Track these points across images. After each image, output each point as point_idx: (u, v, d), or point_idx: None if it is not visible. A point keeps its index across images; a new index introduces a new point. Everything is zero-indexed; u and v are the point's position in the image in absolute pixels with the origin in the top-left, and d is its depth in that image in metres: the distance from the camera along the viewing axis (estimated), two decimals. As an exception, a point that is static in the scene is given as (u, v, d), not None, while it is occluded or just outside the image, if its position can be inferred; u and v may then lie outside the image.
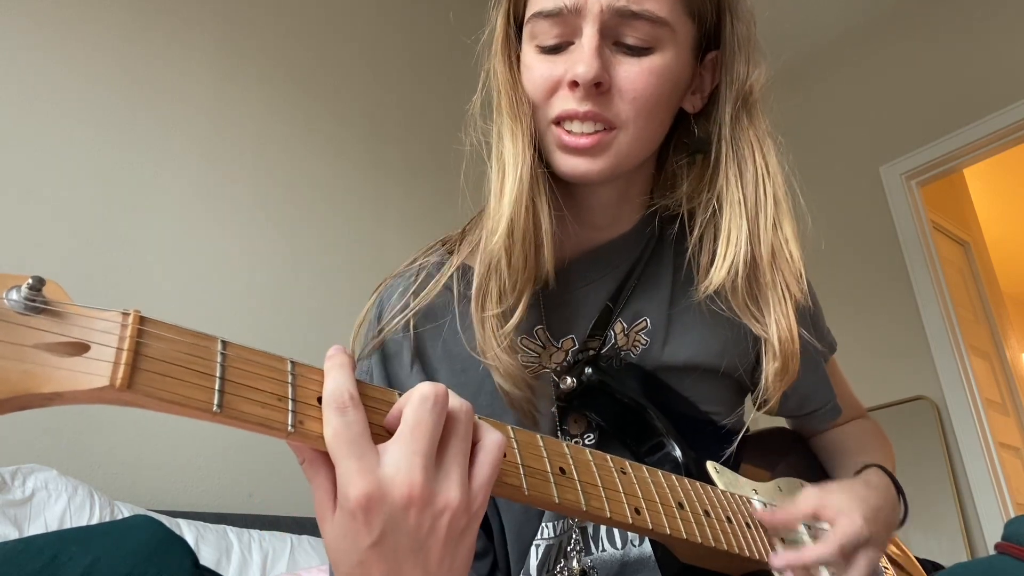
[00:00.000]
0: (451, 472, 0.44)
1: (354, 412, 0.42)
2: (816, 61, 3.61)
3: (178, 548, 0.49)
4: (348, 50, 2.79)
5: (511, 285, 0.71)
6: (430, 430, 0.43)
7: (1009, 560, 0.65)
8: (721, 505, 0.67)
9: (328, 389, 0.43)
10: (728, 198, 0.74)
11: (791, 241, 0.73)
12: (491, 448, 0.46)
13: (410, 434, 0.42)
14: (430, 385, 0.45)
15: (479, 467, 0.46)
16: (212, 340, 0.40)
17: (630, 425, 0.77)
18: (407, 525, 0.42)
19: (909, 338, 3.04)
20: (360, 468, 0.41)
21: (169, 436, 1.94)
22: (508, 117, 0.73)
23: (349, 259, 2.54)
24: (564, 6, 0.69)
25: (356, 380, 0.44)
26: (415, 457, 0.42)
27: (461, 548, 0.45)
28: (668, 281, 0.81)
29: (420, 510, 0.42)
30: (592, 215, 0.80)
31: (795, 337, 0.72)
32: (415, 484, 0.41)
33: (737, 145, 0.75)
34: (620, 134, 0.71)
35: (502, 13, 0.78)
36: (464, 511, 0.43)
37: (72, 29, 2.05)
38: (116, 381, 0.34)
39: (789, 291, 0.73)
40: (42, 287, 0.34)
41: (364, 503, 0.41)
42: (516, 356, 0.72)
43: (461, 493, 0.43)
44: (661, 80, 0.70)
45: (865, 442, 0.93)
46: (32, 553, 0.44)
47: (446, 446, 0.44)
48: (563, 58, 0.71)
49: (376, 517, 0.41)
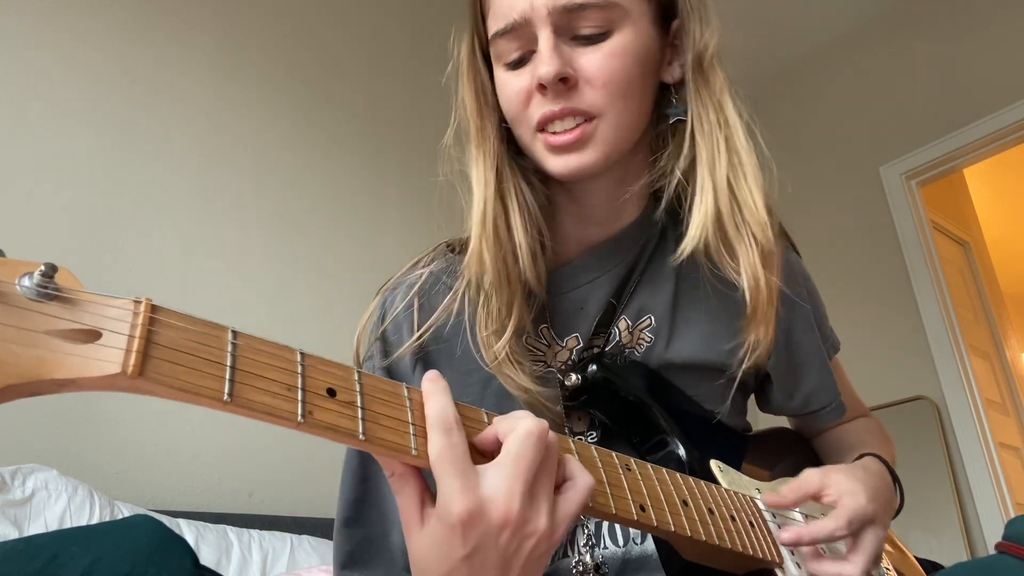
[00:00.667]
0: (541, 502, 0.47)
1: (458, 434, 0.46)
2: (816, 61, 3.62)
3: (178, 548, 0.49)
4: (348, 49, 2.79)
5: (496, 307, 0.74)
6: (531, 462, 0.47)
7: (1009, 560, 0.65)
8: (725, 503, 0.67)
9: (435, 410, 0.47)
10: (698, 160, 0.75)
11: (754, 191, 0.74)
12: (582, 489, 0.50)
13: (512, 463, 0.46)
14: (535, 421, 0.48)
15: (568, 502, 0.49)
16: (223, 329, 0.40)
17: (634, 423, 0.77)
18: (498, 544, 0.46)
19: (909, 338, 3.05)
20: (464, 487, 0.45)
21: (169, 436, 1.94)
22: (473, 144, 0.77)
23: (349, 257, 2.54)
24: (514, 20, 0.71)
25: (456, 403, 0.49)
26: (515, 484, 0.46)
27: (537, 569, 0.49)
28: (672, 275, 0.80)
29: (512, 532, 0.46)
30: (593, 212, 0.81)
31: (763, 285, 0.73)
32: (512, 509, 0.45)
33: (699, 105, 0.76)
34: (600, 123, 0.72)
35: (465, 44, 0.80)
36: (547, 538, 0.47)
37: (72, 28, 2.05)
38: (128, 368, 0.34)
39: (756, 239, 0.73)
40: (54, 274, 0.34)
41: (466, 519, 0.44)
42: (518, 368, 0.73)
43: (548, 522, 0.47)
44: (626, 60, 0.71)
45: (867, 439, 0.93)
46: (32, 553, 0.44)
47: (540, 477, 0.48)
48: (529, 68, 0.73)
49: (473, 533, 0.45)
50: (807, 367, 0.88)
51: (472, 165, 0.77)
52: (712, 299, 0.79)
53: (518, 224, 0.75)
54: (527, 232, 0.75)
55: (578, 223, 0.82)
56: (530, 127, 0.73)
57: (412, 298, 0.79)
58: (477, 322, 0.75)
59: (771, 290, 0.74)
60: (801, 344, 0.87)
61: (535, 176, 0.79)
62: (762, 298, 0.73)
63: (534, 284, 0.75)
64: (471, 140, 0.78)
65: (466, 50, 0.80)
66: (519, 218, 0.75)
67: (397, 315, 0.79)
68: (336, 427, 0.43)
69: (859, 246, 3.27)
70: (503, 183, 0.76)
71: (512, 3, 0.71)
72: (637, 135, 0.77)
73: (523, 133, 0.75)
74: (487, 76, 0.79)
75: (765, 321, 0.74)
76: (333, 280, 2.46)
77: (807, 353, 0.88)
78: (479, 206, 0.75)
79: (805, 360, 0.88)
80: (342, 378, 0.45)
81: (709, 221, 0.73)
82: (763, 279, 0.72)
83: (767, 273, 0.73)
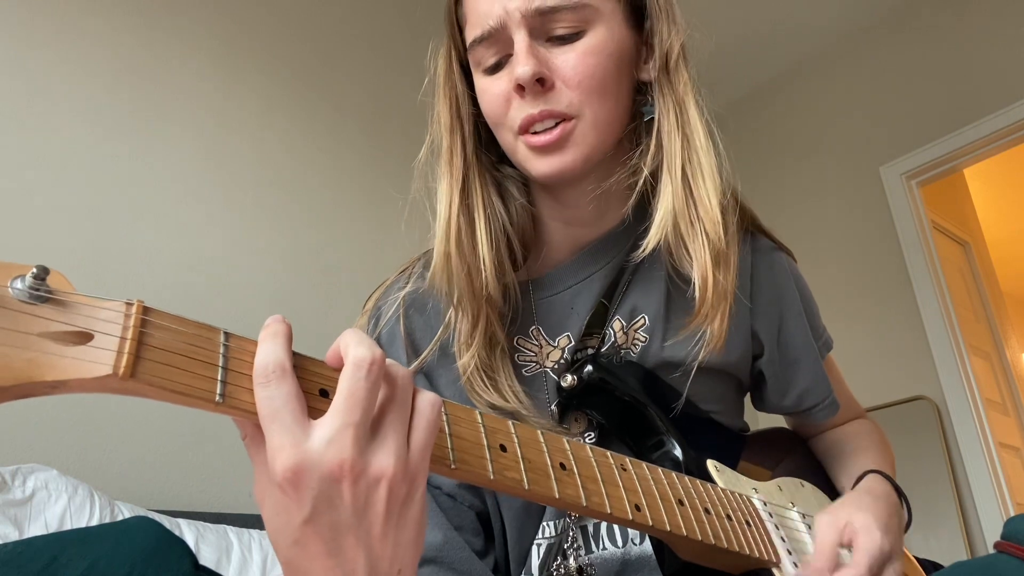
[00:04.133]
0: (387, 440, 0.42)
1: (280, 383, 0.40)
2: (816, 61, 3.62)
3: (177, 549, 0.49)
4: (349, 47, 2.80)
5: (464, 322, 0.75)
6: (363, 399, 0.41)
7: (1009, 559, 0.65)
8: (721, 503, 0.67)
9: (257, 360, 0.41)
10: (663, 159, 0.76)
11: (711, 191, 0.74)
12: (425, 410, 0.45)
13: (343, 404, 0.41)
14: (366, 349, 0.42)
15: (415, 431, 0.44)
16: (215, 331, 0.40)
17: (630, 423, 0.78)
18: (342, 500, 0.40)
19: (909, 338, 3.04)
20: (285, 442, 0.39)
21: (169, 436, 1.94)
22: (443, 159, 0.79)
23: (349, 256, 2.54)
24: (491, 27, 0.73)
25: (292, 351, 0.43)
26: (347, 428, 0.40)
27: (406, 520, 0.43)
28: (663, 275, 0.81)
29: (353, 483, 0.40)
30: (577, 213, 0.81)
31: (710, 285, 0.73)
32: (345, 457, 0.39)
33: (663, 105, 0.77)
34: (579, 123, 0.73)
35: (442, 56, 0.82)
36: (402, 479, 0.42)
37: (72, 28, 2.05)
38: (120, 370, 0.35)
39: (708, 238, 0.74)
40: (46, 276, 0.34)
41: (291, 477, 0.39)
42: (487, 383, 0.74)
43: (396, 461, 0.41)
44: (600, 58, 0.72)
45: (865, 444, 0.93)
46: (31, 555, 0.44)
47: (383, 414, 0.43)
48: (507, 71, 0.74)
49: (305, 492, 0.39)
50: (799, 365, 0.89)
51: (440, 181, 0.79)
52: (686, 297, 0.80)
53: (483, 239, 0.76)
54: (492, 247, 0.76)
55: (565, 226, 0.82)
56: (512, 130, 0.75)
57: (400, 303, 0.81)
58: (454, 332, 0.77)
59: (720, 287, 0.74)
60: (792, 343, 0.88)
61: (515, 185, 0.81)
62: (709, 295, 0.74)
63: (499, 300, 0.76)
64: (441, 156, 0.79)
65: (443, 63, 0.82)
66: (484, 234, 0.76)
67: (389, 322, 0.80)
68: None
69: (859, 246, 3.27)
70: (469, 198, 0.77)
71: (487, 10, 0.73)
72: (617, 133, 0.78)
73: (505, 137, 0.77)
74: (464, 86, 0.81)
75: (716, 315, 0.75)
76: (333, 277, 2.47)
77: (799, 352, 0.88)
78: (443, 223, 0.76)
79: (797, 358, 0.88)
80: (334, 378, 0.45)
81: (668, 219, 0.74)
82: (711, 276, 0.73)
83: (715, 270, 0.74)
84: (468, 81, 0.81)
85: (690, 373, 0.79)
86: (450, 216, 0.76)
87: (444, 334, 0.79)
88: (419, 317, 0.81)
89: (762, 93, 3.77)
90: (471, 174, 0.78)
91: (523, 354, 0.80)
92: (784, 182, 3.55)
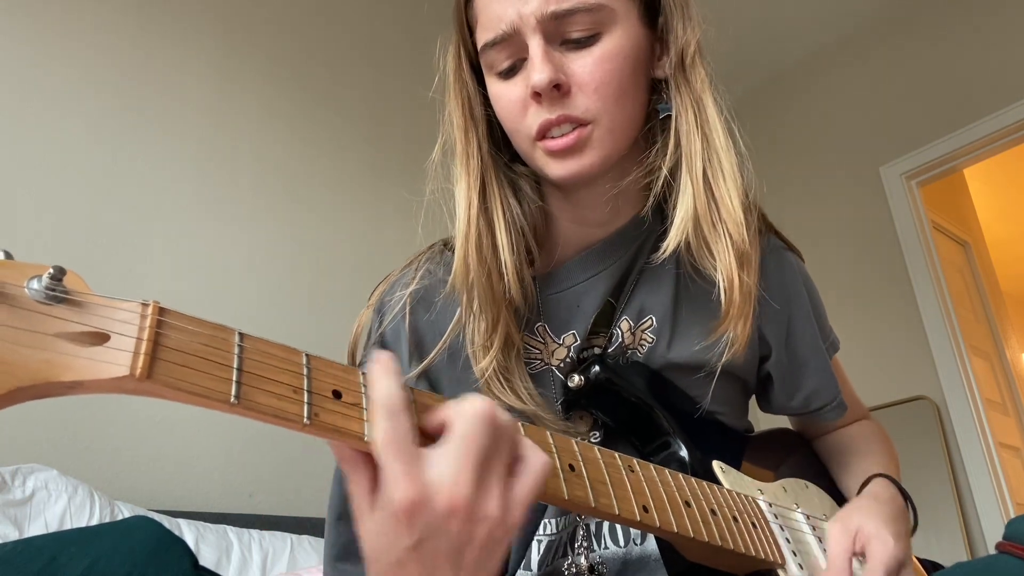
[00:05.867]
0: (492, 486, 0.44)
1: (403, 417, 0.43)
2: (816, 61, 3.62)
3: (177, 549, 0.49)
4: (348, 46, 2.80)
5: (483, 325, 0.74)
6: (479, 444, 0.44)
7: (1010, 559, 0.65)
8: (727, 504, 0.67)
9: (379, 392, 0.43)
10: (682, 158, 0.75)
11: (732, 190, 0.74)
12: (536, 469, 0.47)
13: (459, 445, 0.43)
14: (482, 401, 0.45)
15: (521, 485, 0.46)
16: (230, 332, 0.40)
17: (636, 424, 0.77)
18: (448, 532, 0.43)
19: (909, 338, 3.05)
20: (405, 472, 0.42)
21: (170, 436, 1.94)
22: (459, 161, 0.77)
23: (350, 255, 2.54)
24: (504, 31, 0.71)
25: (406, 385, 0.45)
26: (463, 470, 0.43)
27: (493, 558, 0.46)
28: (671, 275, 0.80)
29: (462, 520, 0.43)
30: (591, 213, 0.81)
31: (736, 284, 0.73)
32: (459, 495, 0.42)
33: (680, 103, 0.76)
34: (595, 128, 0.72)
35: (451, 56, 0.81)
36: (501, 524, 0.44)
37: (72, 29, 2.05)
38: (136, 371, 0.34)
39: (731, 238, 0.73)
40: (63, 277, 0.34)
41: (408, 507, 0.41)
42: (505, 385, 0.74)
43: (500, 508, 0.44)
44: (616, 62, 0.72)
45: (869, 446, 0.93)
46: (31, 554, 0.44)
47: (491, 460, 0.45)
48: (522, 76, 0.73)
49: (418, 521, 0.42)
50: (807, 367, 0.88)
51: (457, 183, 0.77)
52: (702, 298, 0.79)
53: (504, 243, 0.75)
54: (513, 250, 0.75)
55: (577, 226, 0.82)
56: (529, 136, 0.74)
57: (407, 300, 0.80)
58: (467, 334, 0.76)
59: (745, 288, 0.74)
60: (801, 344, 0.87)
61: (528, 183, 0.80)
62: (735, 296, 0.73)
63: (519, 302, 0.76)
64: (456, 157, 0.78)
65: (452, 62, 0.80)
66: (505, 236, 0.75)
67: (395, 317, 0.79)
68: (342, 429, 0.43)
69: (859, 246, 3.27)
70: (488, 200, 0.76)
71: (500, 14, 0.71)
72: (634, 134, 0.77)
73: (521, 142, 0.76)
74: (475, 86, 0.80)
75: (741, 317, 0.74)
76: (334, 276, 2.47)
77: (807, 353, 0.88)
78: (463, 225, 0.75)
79: (805, 360, 0.88)
80: (347, 380, 0.45)
81: (689, 220, 0.73)
82: (736, 278, 0.73)
83: (740, 272, 0.73)
84: (478, 78, 0.80)
85: (714, 375, 0.78)
86: (469, 219, 0.75)
87: (453, 334, 0.78)
88: (425, 315, 0.80)
89: (762, 93, 3.77)
90: (488, 176, 0.77)
91: (529, 351, 0.80)
92: (784, 182, 3.55)
